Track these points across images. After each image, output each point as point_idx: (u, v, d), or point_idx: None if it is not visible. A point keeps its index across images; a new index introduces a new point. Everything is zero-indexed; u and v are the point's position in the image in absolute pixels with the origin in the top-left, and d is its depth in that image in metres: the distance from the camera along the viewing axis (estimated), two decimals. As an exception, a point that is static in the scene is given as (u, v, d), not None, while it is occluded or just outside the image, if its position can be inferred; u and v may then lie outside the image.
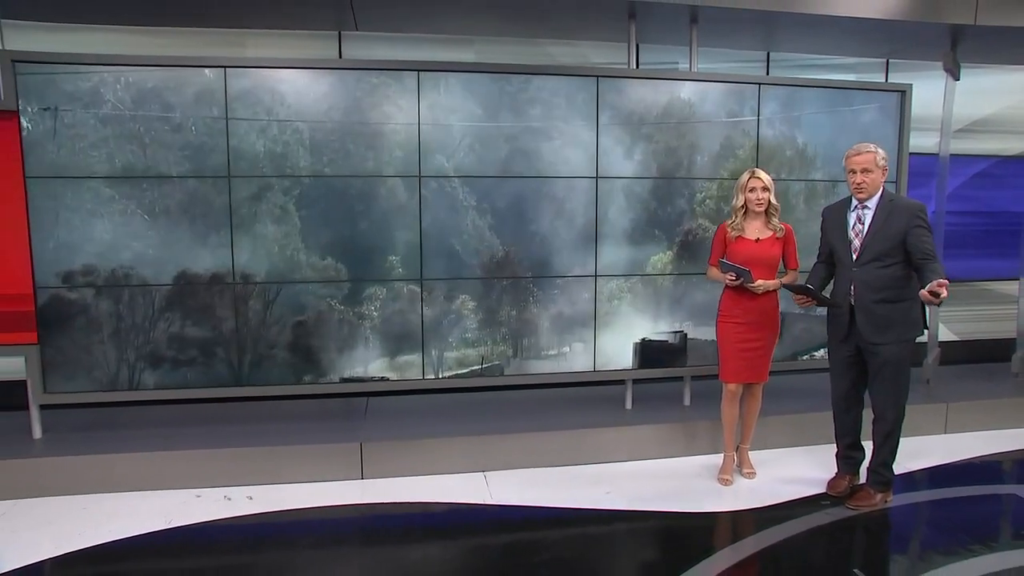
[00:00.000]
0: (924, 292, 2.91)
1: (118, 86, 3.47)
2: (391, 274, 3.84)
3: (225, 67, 3.54)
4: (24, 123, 3.42)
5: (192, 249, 3.63)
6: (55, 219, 3.48)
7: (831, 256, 3.42)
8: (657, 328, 4.18)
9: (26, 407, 3.67)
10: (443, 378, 3.98)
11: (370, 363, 3.88)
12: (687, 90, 4.06)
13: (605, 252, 4.07)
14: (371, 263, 3.81)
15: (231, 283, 3.68)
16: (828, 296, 3.39)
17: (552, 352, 4.08)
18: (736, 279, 3.42)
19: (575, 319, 4.08)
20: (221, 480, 3.53)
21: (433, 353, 3.93)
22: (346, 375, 3.86)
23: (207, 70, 3.54)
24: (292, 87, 3.63)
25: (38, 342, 3.52)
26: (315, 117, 3.66)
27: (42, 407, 3.69)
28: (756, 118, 4.16)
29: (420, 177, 3.80)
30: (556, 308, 4.05)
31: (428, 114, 3.77)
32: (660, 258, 4.13)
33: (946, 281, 2.89)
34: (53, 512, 3.26)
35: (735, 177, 3.81)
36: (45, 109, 3.41)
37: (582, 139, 3.96)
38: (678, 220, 4.14)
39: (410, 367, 3.92)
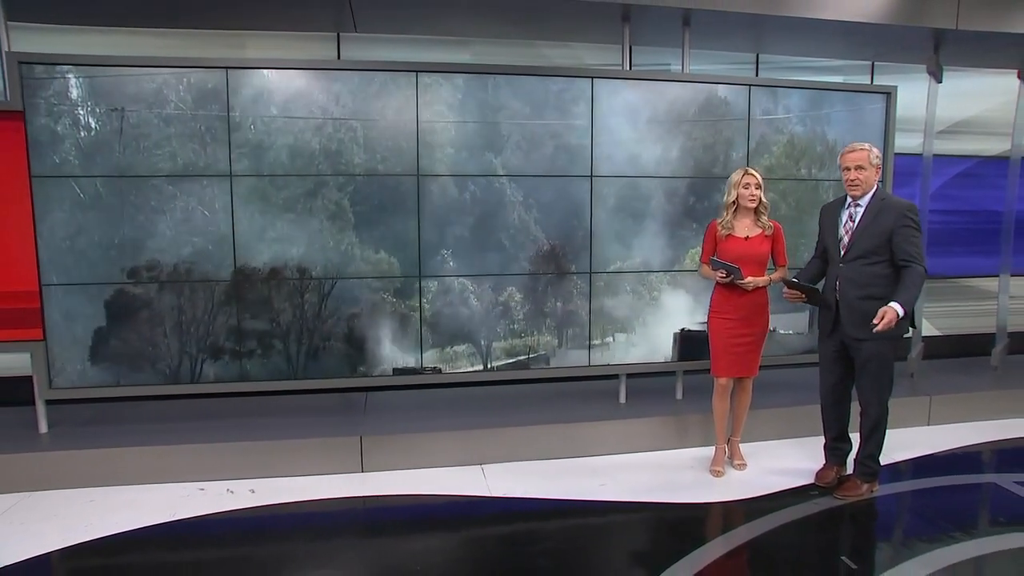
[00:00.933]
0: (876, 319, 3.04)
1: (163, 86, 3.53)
2: (394, 271, 3.91)
3: (228, 68, 3.60)
4: (93, 124, 3.50)
5: (182, 246, 3.69)
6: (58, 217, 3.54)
7: (825, 253, 3.50)
8: (695, 319, 4.30)
9: (31, 403, 3.71)
10: (439, 372, 4.05)
11: (373, 360, 3.96)
12: (685, 90, 4.15)
13: (641, 246, 4.21)
14: (370, 260, 3.88)
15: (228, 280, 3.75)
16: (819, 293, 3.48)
17: (596, 342, 4.21)
18: (727, 276, 3.49)
19: (613, 313, 4.22)
20: (224, 473, 3.58)
21: (428, 350, 4.02)
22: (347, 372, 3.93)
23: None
24: (288, 86, 3.69)
25: (43, 338, 3.57)
26: (322, 115, 3.73)
27: (47, 402, 3.73)
28: (747, 119, 4.26)
29: (419, 175, 3.87)
30: (556, 304, 4.14)
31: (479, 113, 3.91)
32: (697, 251, 4.22)
33: (895, 315, 3.01)
34: (60, 505, 3.30)
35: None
36: (113, 110, 3.50)
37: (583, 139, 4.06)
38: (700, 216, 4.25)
39: (409, 363, 4.00)
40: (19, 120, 3.42)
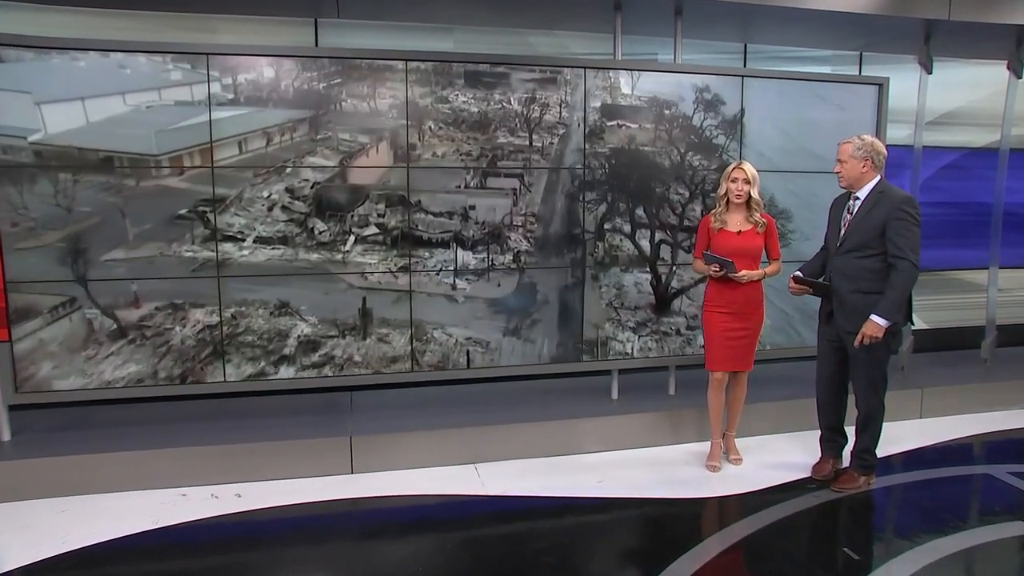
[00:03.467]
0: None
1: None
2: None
3: (208, 54, 3.45)
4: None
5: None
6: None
7: None
8: None
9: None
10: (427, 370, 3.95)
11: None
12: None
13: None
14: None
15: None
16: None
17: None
18: (720, 270, 3.46)
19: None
20: (207, 478, 3.44)
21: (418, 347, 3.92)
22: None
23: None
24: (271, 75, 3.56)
25: (9, 339, 3.37)
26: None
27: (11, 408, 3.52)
28: (740, 109, 4.21)
29: (408, 167, 3.77)
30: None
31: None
32: None
33: (876, 329, 3.13)
34: (31, 516, 3.12)
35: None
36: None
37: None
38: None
39: (398, 361, 3.89)
40: (-16, 106, 3.23)
